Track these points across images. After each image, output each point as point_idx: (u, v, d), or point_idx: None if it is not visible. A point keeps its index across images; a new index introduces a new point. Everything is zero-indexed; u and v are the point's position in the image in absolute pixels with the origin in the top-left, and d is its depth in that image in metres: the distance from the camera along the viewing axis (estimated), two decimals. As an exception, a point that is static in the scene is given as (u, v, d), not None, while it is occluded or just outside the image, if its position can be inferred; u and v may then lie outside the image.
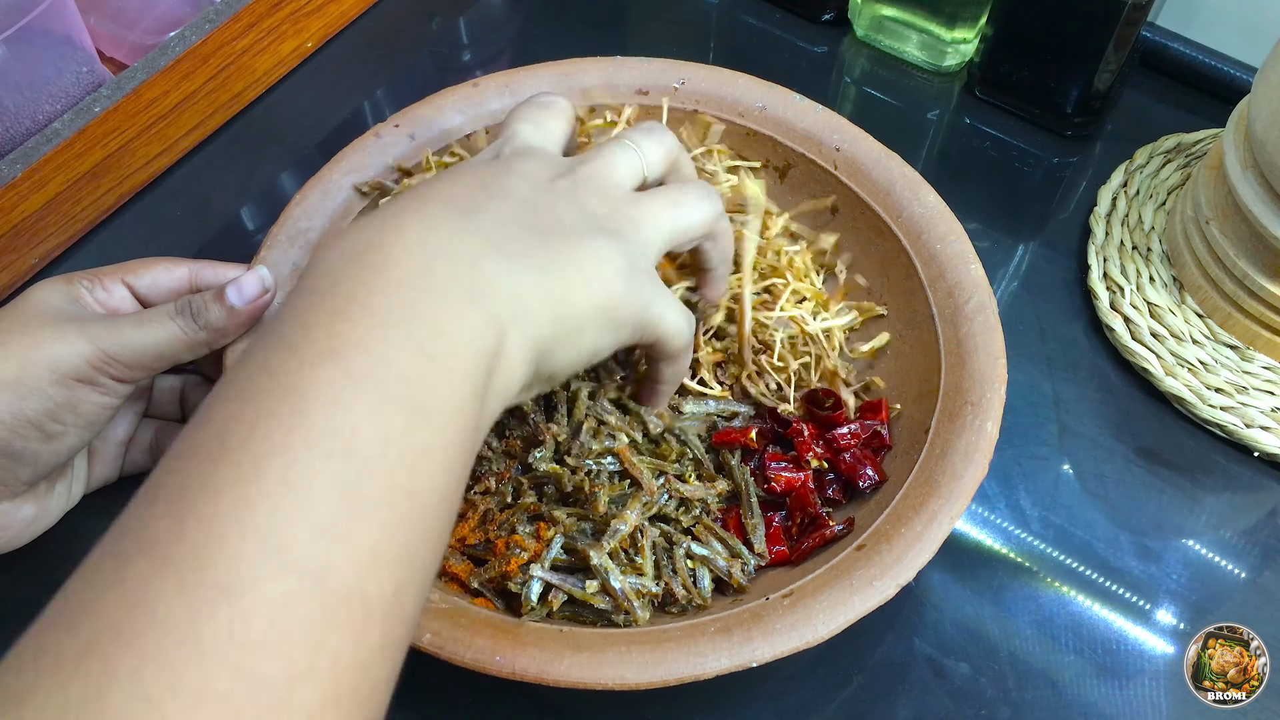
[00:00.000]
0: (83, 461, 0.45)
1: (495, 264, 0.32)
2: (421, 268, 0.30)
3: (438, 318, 0.29)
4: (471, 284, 0.31)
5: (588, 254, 0.34)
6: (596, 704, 0.43)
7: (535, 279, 0.32)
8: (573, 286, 0.33)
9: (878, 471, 0.45)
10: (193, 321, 0.42)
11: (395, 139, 0.51)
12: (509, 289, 0.31)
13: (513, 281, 0.32)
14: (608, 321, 0.35)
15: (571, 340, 0.34)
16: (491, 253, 0.32)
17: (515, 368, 0.32)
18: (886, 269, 0.50)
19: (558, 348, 0.34)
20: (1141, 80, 0.66)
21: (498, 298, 0.31)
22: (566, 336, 0.34)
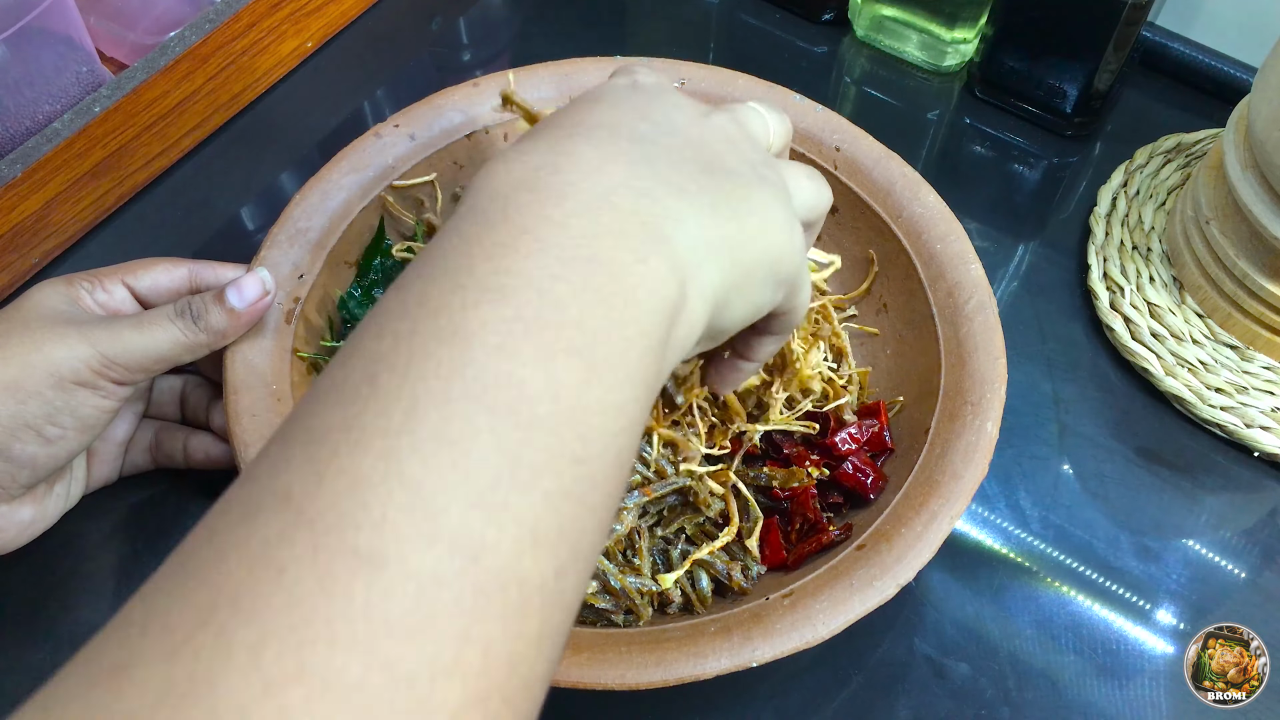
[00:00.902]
0: (81, 462, 0.45)
1: (677, 201, 0.28)
2: (601, 199, 0.27)
3: (618, 258, 0.26)
4: (655, 222, 0.27)
5: (759, 201, 0.31)
6: (596, 704, 0.43)
7: (715, 220, 0.29)
8: (748, 232, 0.30)
9: (878, 476, 0.45)
10: (193, 323, 0.42)
11: (395, 139, 0.51)
12: (692, 230, 0.28)
13: (696, 222, 0.28)
14: (773, 276, 0.32)
15: (744, 292, 0.31)
16: (671, 189, 0.28)
17: (696, 319, 0.28)
18: (886, 269, 0.50)
19: (733, 298, 0.30)
20: (1141, 80, 0.66)
21: (681, 240, 0.28)
22: (740, 286, 0.30)
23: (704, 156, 0.31)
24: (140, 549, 0.47)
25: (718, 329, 0.31)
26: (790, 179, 0.34)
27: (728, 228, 0.29)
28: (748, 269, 0.30)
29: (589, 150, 0.28)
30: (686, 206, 0.28)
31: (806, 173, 0.36)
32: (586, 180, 0.27)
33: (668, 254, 0.27)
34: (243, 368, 0.44)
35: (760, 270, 0.31)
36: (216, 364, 0.44)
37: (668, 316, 0.27)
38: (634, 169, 0.28)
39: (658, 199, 0.28)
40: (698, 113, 0.33)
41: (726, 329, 0.32)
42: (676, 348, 0.28)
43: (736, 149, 0.32)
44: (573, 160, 0.27)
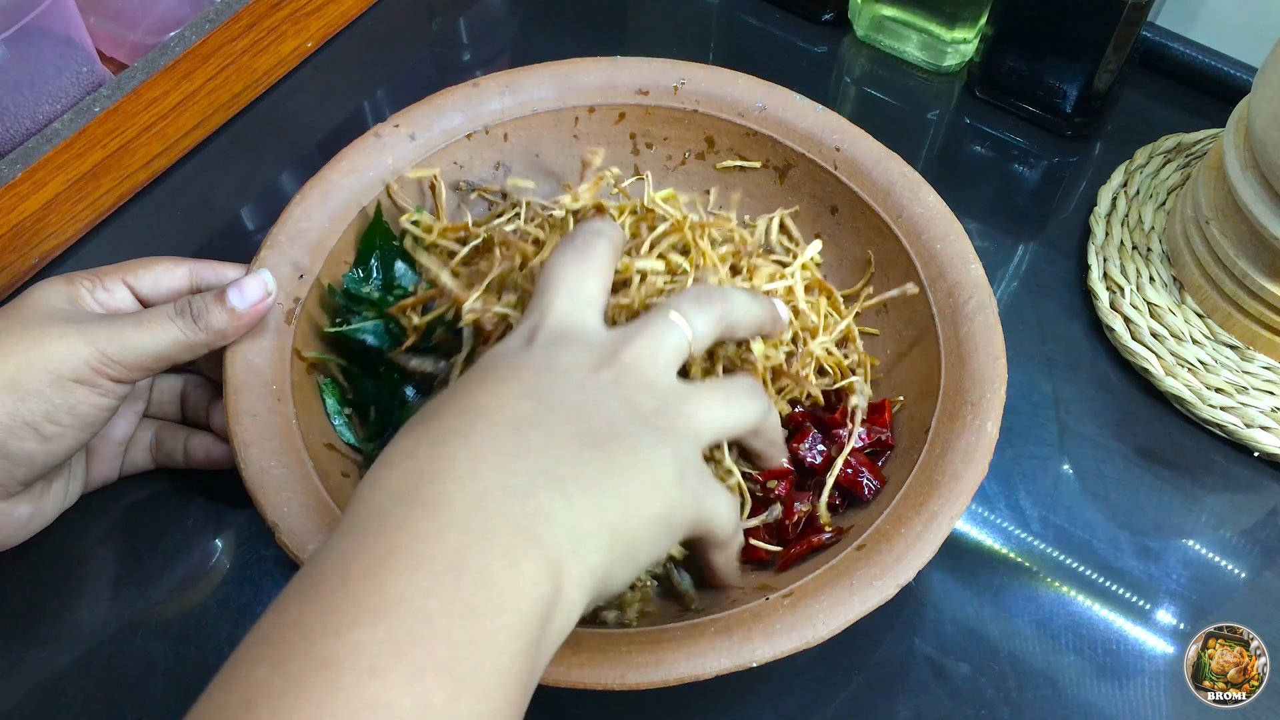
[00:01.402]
0: (81, 461, 0.45)
1: (550, 494, 0.29)
2: (473, 507, 0.28)
3: (489, 565, 0.27)
4: (527, 523, 0.28)
5: (642, 461, 0.32)
6: (596, 704, 0.43)
7: (592, 503, 0.30)
8: (629, 503, 0.31)
9: (877, 477, 0.45)
10: (193, 323, 0.42)
11: (395, 139, 0.51)
12: (566, 521, 0.29)
13: (570, 512, 0.29)
14: (664, 530, 0.33)
15: (629, 560, 0.32)
16: (544, 480, 0.29)
17: (573, 605, 0.29)
18: (886, 269, 0.50)
19: (616, 571, 0.31)
20: (1141, 80, 0.66)
21: (554, 534, 0.29)
22: (625, 558, 0.31)
23: (590, 426, 0.32)
24: (140, 549, 0.47)
25: (607, 594, 0.32)
26: (698, 411, 0.35)
27: (608, 507, 0.30)
28: (632, 540, 0.31)
29: (464, 452, 0.29)
30: (561, 499, 0.29)
31: (723, 396, 0.37)
32: (458, 488, 0.28)
33: (539, 554, 0.28)
34: (243, 368, 0.44)
35: (646, 535, 0.32)
36: (217, 363, 0.44)
37: (541, 615, 0.27)
38: (508, 466, 0.29)
39: (530, 496, 0.29)
40: (591, 364, 0.34)
41: (618, 590, 0.33)
42: (554, 636, 0.29)
43: (628, 401, 0.33)
44: (448, 465, 0.29)
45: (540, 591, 0.27)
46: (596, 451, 0.31)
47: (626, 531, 0.31)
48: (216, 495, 0.48)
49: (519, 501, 0.29)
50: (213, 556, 0.47)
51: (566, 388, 0.33)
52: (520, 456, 0.30)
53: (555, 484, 0.30)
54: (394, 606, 0.25)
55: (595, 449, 0.31)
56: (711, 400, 0.36)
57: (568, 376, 0.33)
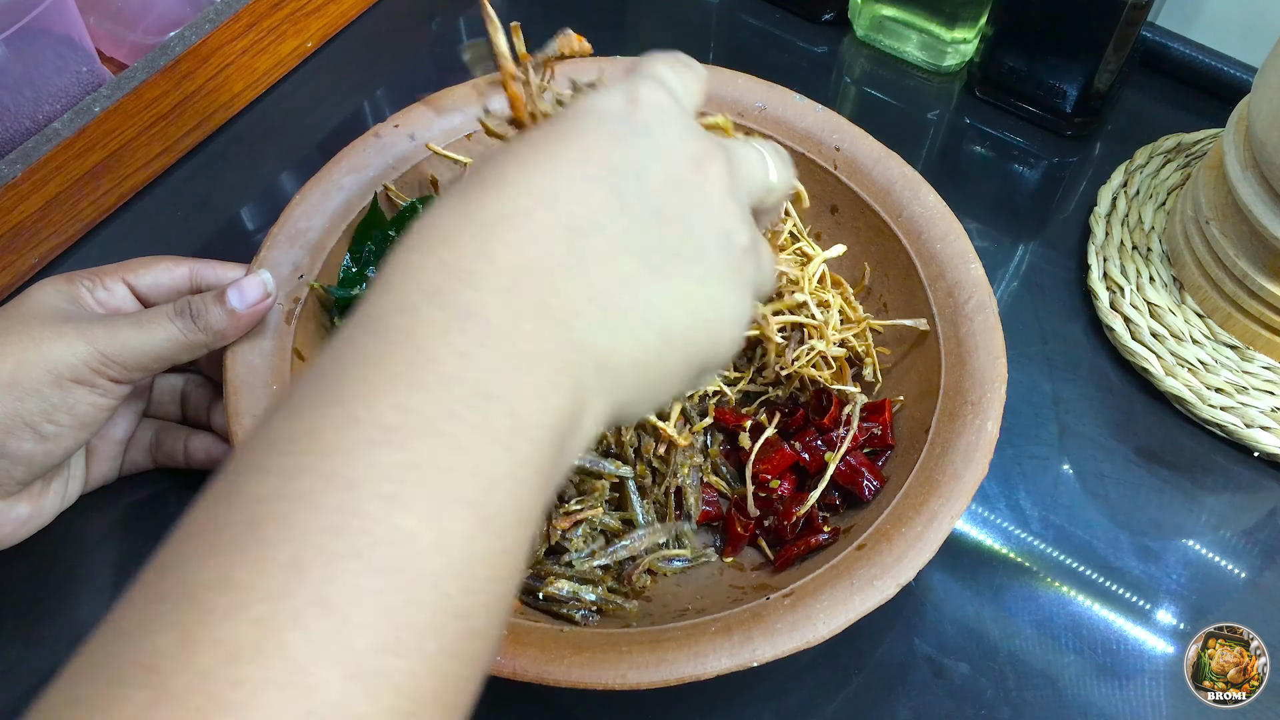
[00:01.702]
0: (80, 461, 0.45)
1: (589, 320, 0.26)
2: (510, 325, 0.25)
3: (517, 394, 0.24)
4: (559, 349, 0.26)
5: (707, 294, 0.29)
6: (596, 704, 0.43)
7: (633, 339, 0.27)
8: (673, 344, 0.28)
9: (876, 477, 0.45)
10: (192, 323, 0.42)
11: (395, 139, 0.51)
12: (601, 355, 0.27)
13: (609, 344, 0.27)
14: (697, 373, 0.30)
15: (654, 395, 0.29)
16: (587, 305, 0.26)
17: (587, 437, 0.27)
18: (886, 269, 0.50)
19: (637, 406, 0.29)
20: (1141, 80, 0.66)
21: (586, 367, 0.26)
22: (650, 393, 0.29)
23: (664, 238, 0.28)
24: (139, 548, 0.47)
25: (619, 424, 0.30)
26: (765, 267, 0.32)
27: (649, 346, 0.28)
28: (662, 378, 0.29)
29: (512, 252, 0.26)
30: (603, 330, 0.27)
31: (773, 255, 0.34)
32: (497, 300, 0.25)
33: (568, 386, 0.26)
34: (243, 368, 0.44)
35: (679, 374, 0.29)
36: (218, 363, 0.44)
37: (559, 447, 0.26)
38: (555, 282, 0.26)
39: (571, 324, 0.26)
40: (687, 162, 0.29)
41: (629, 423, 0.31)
42: (561, 471, 0.27)
43: (716, 217, 0.29)
44: (489, 267, 0.25)
45: (562, 424, 0.25)
46: (662, 274, 0.28)
47: (659, 370, 0.28)
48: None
49: (558, 326, 0.26)
50: (213, 556, 0.47)
51: (657, 179, 0.28)
52: (571, 269, 0.26)
53: (601, 310, 0.27)
54: (419, 428, 0.23)
55: (662, 270, 0.28)
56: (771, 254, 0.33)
57: (664, 163, 0.28)
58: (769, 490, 0.45)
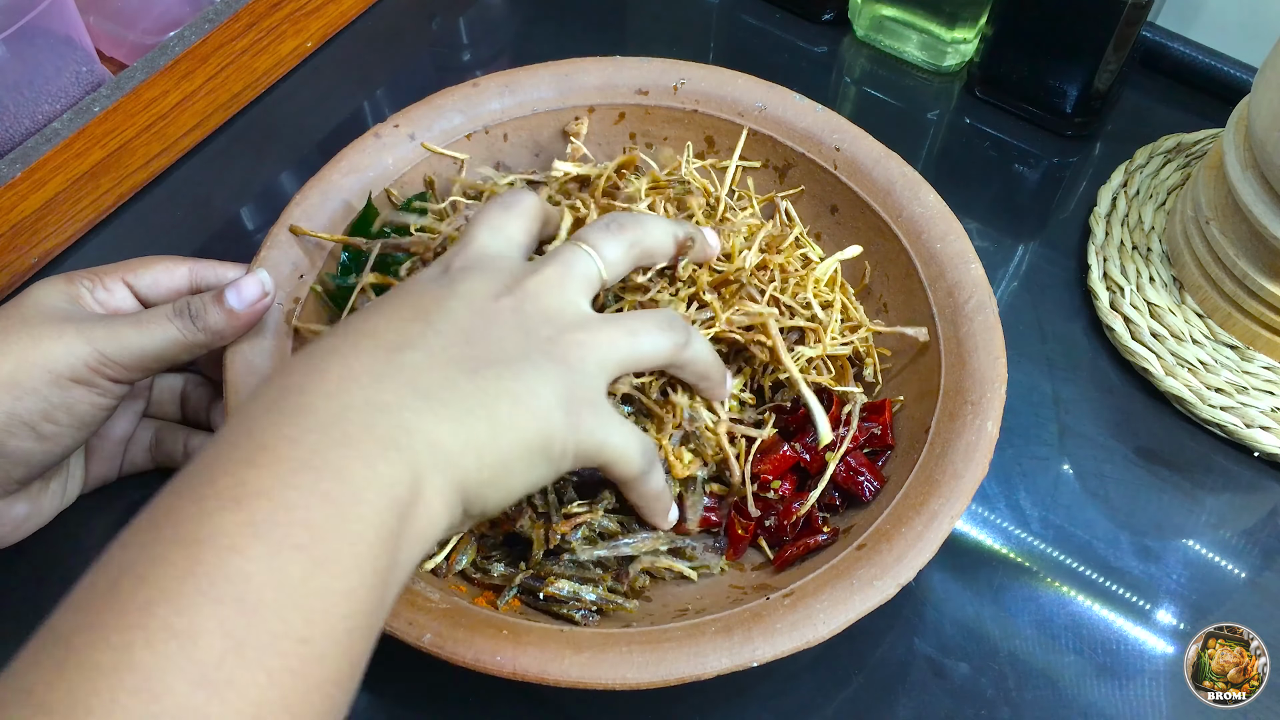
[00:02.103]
0: (79, 460, 0.45)
1: (415, 411, 0.31)
2: (337, 416, 0.30)
3: (347, 466, 0.29)
4: (387, 432, 0.30)
5: (522, 386, 0.33)
6: (597, 704, 0.43)
7: (457, 424, 0.32)
8: (499, 427, 0.32)
9: (876, 477, 0.45)
10: (191, 323, 0.42)
11: (395, 139, 0.51)
12: (428, 436, 0.31)
13: (433, 429, 0.31)
14: (542, 456, 0.34)
15: (501, 482, 0.33)
16: (412, 398, 0.31)
17: (435, 512, 0.31)
18: (886, 269, 0.50)
19: (486, 490, 0.33)
20: (1141, 80, 0.66)
21: (415, 445, 0.30)
22: (495, 480, 0.33)
23: (472, 350, 0.33)
24: (140, 549, 0.47)
25: (479, 512, 0.33)
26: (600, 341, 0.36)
27: (475, 429, 0.32)
28: (502, 462, 0.33)
29: (337, 369, 0.31)
30: (427, 416, 0.31)
31: (629, 328, 0.37)
32: (324, 401, 0.30)
33: (398, 459, 0.30)
34: (243, 368, 0.44)
35: (519, 460, 0.33)
36: (217, 363, 0.44)
37: (397, 513, 0.29)
38: (378, 385, 0.31)
39: (394, 412, 0.31)
40: (492, 292, 0.35)
41: (490, 509, 0.34)
42: (416, 537, 0.30)
43: (522, 328, 0.35)
44: (319, 381, 0.31)
45: (396, 492, 0.29)
46: (473, 375, 0.33)
47: (495, 453, 0.32)
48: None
49: (381, 415, 0.30)
50: (212, 556, 0.47)
51: (461, 312, 0.34)
52: (391, 377, 0.31)
53: (422, 403, 0.31)
54: (254, 496, 0.27)
55: (472, 373, 0.33)
56: (614, 331, 0.37)
57: (466, 302, 0.35)
58: (770, 490, 0.45)
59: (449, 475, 0.31)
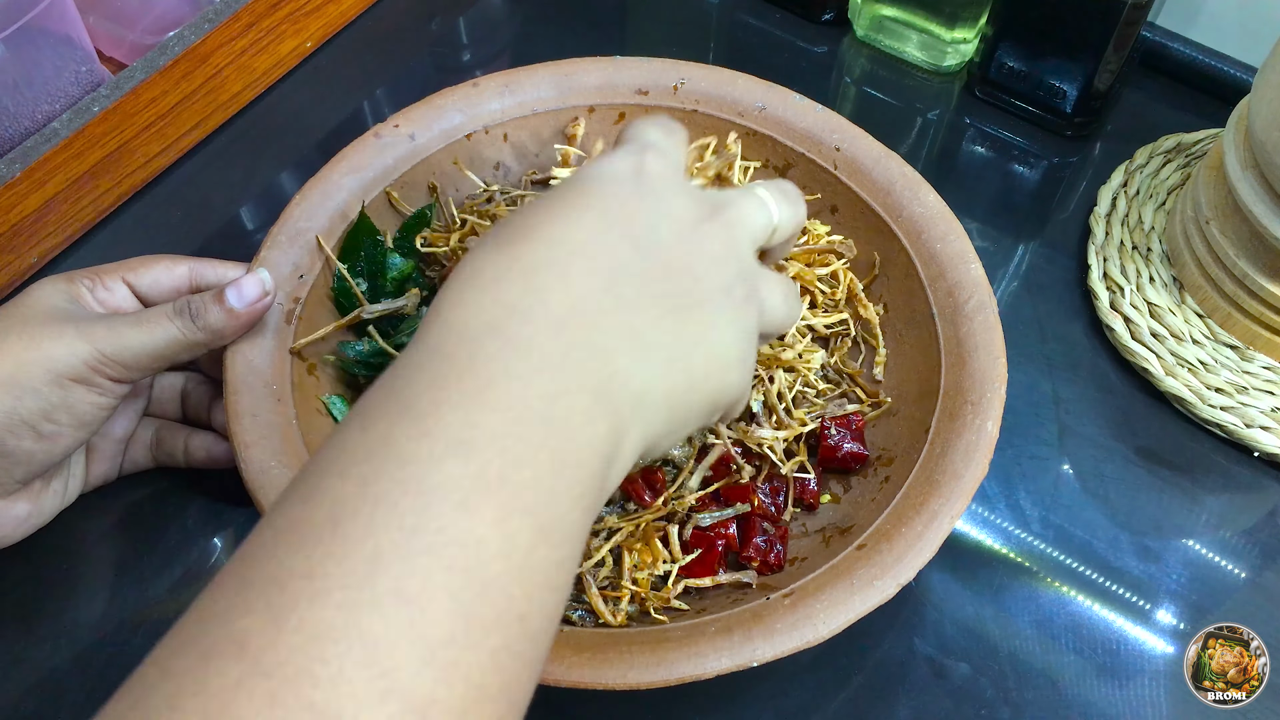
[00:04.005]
0: (80, 459, 0.45)
1: (630, 357, 0.29)
2: (563, 357, 0.27)
3: (571, 421, 0.27)
4: (608, 383, 0.28)
5: (716, 339, 0.32)
6: (597, 704, 0.43)
7: (663, 374, 0.30)
8: (695, 379, 0.31)
9: (860, 442, 0.45)
10: (191, 322, 0.42)
11: (395, 139, 0.51)
12: (637, 387, 0.29)
13: (642, 379, 0.29)
14: (712, 411, 0.33)
15: (678, 432, 0.32)
16: (628, 342, 0.29)
17: (624, 469, 0.30)
18: (886, 269, 0.50)
19: (664, 440, 0.32)
20: (1141, 80, 0.66)
21: (624, 397, 0.29)
22: (674, 431, 0.32)
23: (680, 286, 0.31)
24: (139, 547, 0.47)
25: (645, 461, 0.32)
26: (768, 299, 0.35)
27: (675, 380, 0.30)
28: (686, 414, 0.32)
29: (558, 294, 0.28)
30: (639, 364, 0.29)
31: (784, 291, 0.36)
32: (551, 336, 0.28)
33: (612, 415, 0.28)
34: (243, 367, 0.43)
35: (699, 411, 0.32)
36: (218, 362, 0.44)
37: (605, 473, 0.28)
38: (598, 321, 0.29)
39: (612, 357, 0.29)
40: (690, 221, 0.32)
41: (655, 457, 0.33)
42: (605, 495, 0.29)
43: (718, 269, 0.32)
44: (541, 307, 0.28)
45: (607, 450, 0.28)
46: (679, 319, 0.31)
47: (684, 406, 0.31)
48: (216, 494, 0.48)
49: (602, 360, 0.28)
50: (212, 555, 0.47)
51: (666, 235, 0.32)
52: (610, 312, 0.29)
53: (636, 348, 0.29)
54: (486, 445, 0.25)
55: (678, 316, 0.31)
56: (779, 292, 0.36)
57: (671, 223, 0.32)
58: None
59: (644, 429, 0.30)
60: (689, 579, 0.43)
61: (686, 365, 0.31)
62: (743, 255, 0.34)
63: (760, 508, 0.44)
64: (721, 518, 0.44)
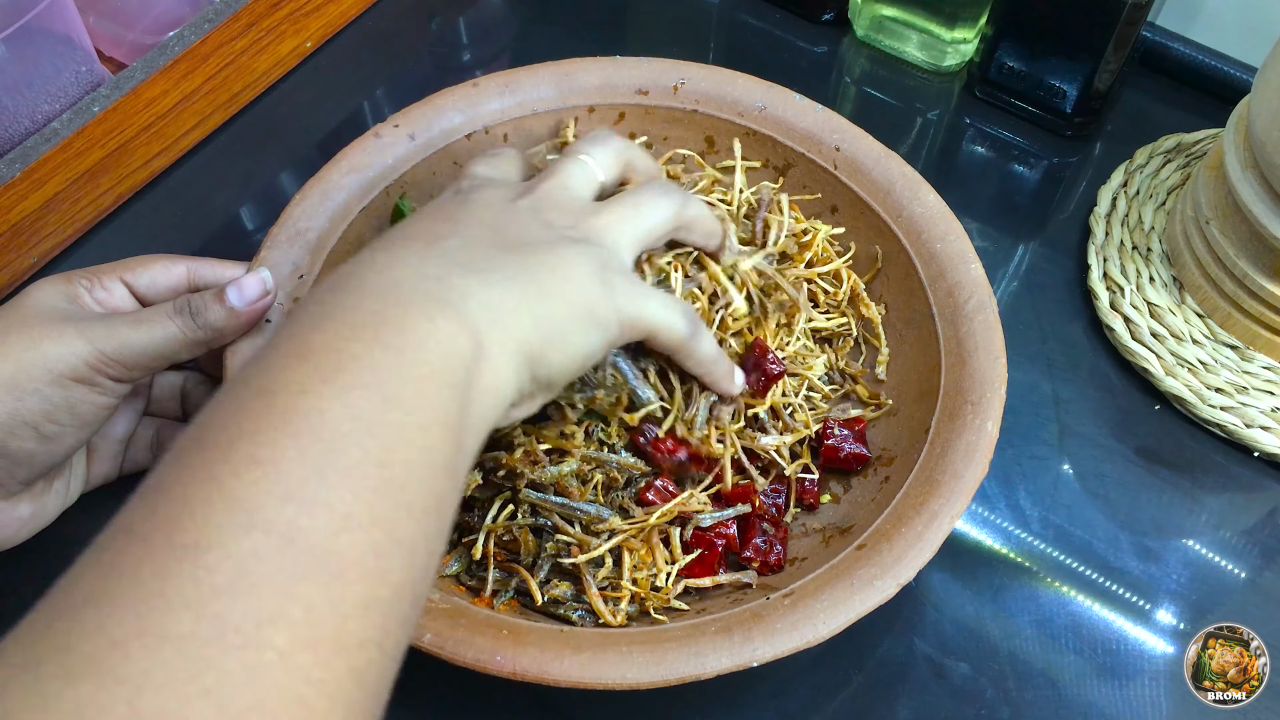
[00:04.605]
0: (81, 460, 0.45)
1: (464, 278, 0.33)
2: (391, 287, 0.32)
3: (405, 322, 0.30)
4: (441, 295, 0.32)
5: (558, 260, 0.35)
6: (597, 704, 0.43)
7: (507, 288, 0.33)
8: (548, 291, 0.34)
9: (862, 443, 0.45)
10: (191, 321, 0.42)
11: (395, 139, 0.51)
12: (482, 297, 0.33)
13: (485, 291, 0.33)
14: (591, 321, 0.36)
15: (559, 344, 0.35)
16: (459, 271, 0.33)
17: (501, 370, 0.33)
18: (886, 268, 0.50)
19: (548, 352, 0.34)
20: (1141, 80, 0.66)
21: (470, 306, 0.32)
22: (553, 340, 0.34)
23: (504, 238, 0.36)
24: (139, 549, 0.47)
25: (545, 379, 0.35)
26: (613, 221, 0.39)
27: (525, 291, 0.34)
28: (556, 323, 0.35)
29: (382, 256, 0.33)
30: (476, 282, 0.33)
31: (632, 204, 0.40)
32: (378, 277, 0.32)
33: (455, 316, 0.31)
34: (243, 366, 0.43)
35: (571, 322, 0.35)
36: (217, 361, 0.44)
37: (463, 365, 0.31)
38: (424, 264, 0.33)
39: (444, 279, 0.32)
40: (508, 197, 0.38)
41: (556, 377, 0.36)
42: (486, 393, 0.32)
43: (541, 221, 0.37)
44: (367, 265, 0.33)
45: (459, 344, 0.31)
46: (512, 254, 0.35)
47: (548, 313, 0.34)
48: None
49: (433, 283, 0.32)
50: (212, 556, 0.47)
51: (483, 213, 0.37)
52: (435, 258, 0.33)
53: (470, 272, 0.33)
54: (320, 351, 0.29)
55: (510, 252, 0.35)
56: (621, 210, 0.40)
57: (485, 205, 0.37)
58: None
59: (508, 332, 0.33)
60: (689, 579, 0.43)
61: (534, 279, 0.34)
62: (568, 206, 0.39)
63: (761, 508, 0.44)
64: (721, 518, 0.44)
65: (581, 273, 0.36)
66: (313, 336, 0.30)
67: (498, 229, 0.36)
